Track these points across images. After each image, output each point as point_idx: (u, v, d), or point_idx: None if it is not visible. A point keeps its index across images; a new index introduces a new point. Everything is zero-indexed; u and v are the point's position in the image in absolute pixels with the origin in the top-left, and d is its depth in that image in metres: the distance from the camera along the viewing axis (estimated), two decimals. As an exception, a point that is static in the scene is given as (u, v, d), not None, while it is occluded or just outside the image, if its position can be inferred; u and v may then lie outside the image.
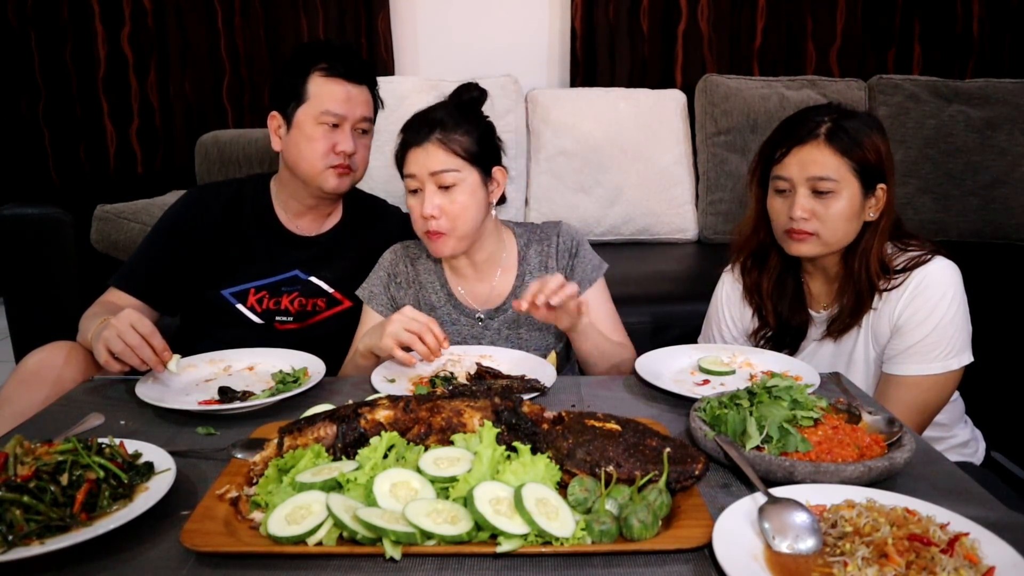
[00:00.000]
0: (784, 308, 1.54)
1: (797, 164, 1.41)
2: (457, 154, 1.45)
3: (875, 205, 1.42)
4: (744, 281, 1.60)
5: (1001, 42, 3.19)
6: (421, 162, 1.45)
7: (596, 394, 1.31)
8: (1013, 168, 2.83)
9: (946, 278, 1.39)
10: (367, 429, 0.98)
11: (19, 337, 2.41)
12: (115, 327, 1.33)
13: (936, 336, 1.38)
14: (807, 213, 1.40)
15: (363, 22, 3.13)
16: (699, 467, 0.90)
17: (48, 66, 3.14)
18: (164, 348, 1.34)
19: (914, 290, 1.39)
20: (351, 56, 1.69)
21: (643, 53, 3.16)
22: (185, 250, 1.70)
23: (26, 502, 0.85)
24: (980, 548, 0.77)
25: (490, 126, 1.54)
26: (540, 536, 0.80)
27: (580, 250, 1.63)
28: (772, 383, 1.08)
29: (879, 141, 1.40)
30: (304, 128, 1.64)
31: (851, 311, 1.45)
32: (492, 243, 1.60)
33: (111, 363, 1.34)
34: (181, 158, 3.16)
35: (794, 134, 1.43)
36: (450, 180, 1.44)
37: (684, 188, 2.92)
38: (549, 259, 1.63)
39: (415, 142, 1.46)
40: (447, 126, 1.45)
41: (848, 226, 1.41)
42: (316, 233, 1.78)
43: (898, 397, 1.40)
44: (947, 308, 1.37)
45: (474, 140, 1.47)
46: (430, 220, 1.45)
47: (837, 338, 1.49)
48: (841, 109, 1.45)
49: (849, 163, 1.38)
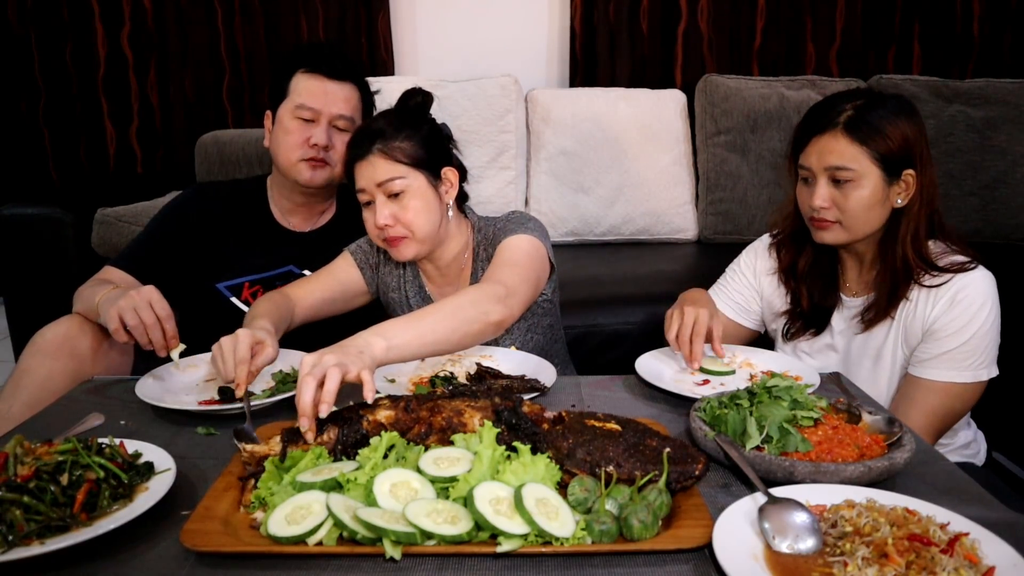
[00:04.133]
0: (817, 289, 1.53)
1: (816, 153, 1.41)
2: (400, 161, 1.44)
3: (904, 191, 1.39)
4: (780, 261, 1.59)
5: (1001, 42, 3.19)
6: (367, 175, 1.45)
7: (596, 394, 1.31)
8: (1013, 168, 2.83)
9: (987, 290, 1.37)
10: (369, 430, 0.98)
11: (19, 337, 2.41)
12: (134, 299, 1.37)
13: (971, 346, 1.36)
14: (827, 202, 1.40)
15: (363, 22, 3.13)
16: (699, 467, 0.90)
17: (48, 66, 3.14)
18: (174, 335, 1.38)
19: (953, 297, 1.37)
20: (332, 54, 1.75)
21: (643, 53, 3.16)
22: (183, 241, 1.75)
23: (26, 502, 0.85)
24: (980, 548, 0.77)
25: (436, 128, 1.53)
26: (540, 536, 0.80)
27: (507, 227, 1.52)
28: (772, 383, 1.08)
29: (907, 127, 1.37)
30: (283, 122, 1.71)
31: (887, 298, 1.43)
32: (455, 245, 1.58)
33: (120, 333, 1.38)
34: (181, 158, 3.16)
35: (815, 123, 1.42)
36: (397, 187, 1.44)
37: (684, 188, 2.92)
38: (488, 260, 1.55)
39: (359, 156, 1.46)
40: (387, 135, 1.45)
41: (870, 214, 1.39)
42: (310, 229, 1.84)
43: (924, 401, 1.38)
44: (984, 319, 1.36)
45: (417, 144, 1.46)
46: (386, 229, 1.45)
47: (868, 328, 1.47)
48: (871, 95, 1.42)
49: (868, 151, 1.36)
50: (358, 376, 1.02)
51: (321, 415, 0.98)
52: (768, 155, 2.86)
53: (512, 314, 1.33)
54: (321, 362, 1.01)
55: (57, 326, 1.51)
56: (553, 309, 1.65)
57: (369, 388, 1.02)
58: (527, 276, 1.41)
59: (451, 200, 1.54)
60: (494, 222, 1.59)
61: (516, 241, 1.47)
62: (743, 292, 1.64)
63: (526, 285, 1.39)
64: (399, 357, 1.16)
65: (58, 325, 1.51)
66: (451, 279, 1.62)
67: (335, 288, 1.60)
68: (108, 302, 1.42)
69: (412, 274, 1.64)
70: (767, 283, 1.62)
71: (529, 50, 3.25)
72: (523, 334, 1.58)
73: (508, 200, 2.88)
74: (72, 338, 1.48)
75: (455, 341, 1.24)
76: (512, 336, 1.57)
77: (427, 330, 1.19)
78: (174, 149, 3.22)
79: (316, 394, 0.98)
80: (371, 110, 1.82)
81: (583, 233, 2.91)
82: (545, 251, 1.51)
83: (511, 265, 1.41)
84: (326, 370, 0.99)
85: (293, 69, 1.72)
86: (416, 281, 1.63)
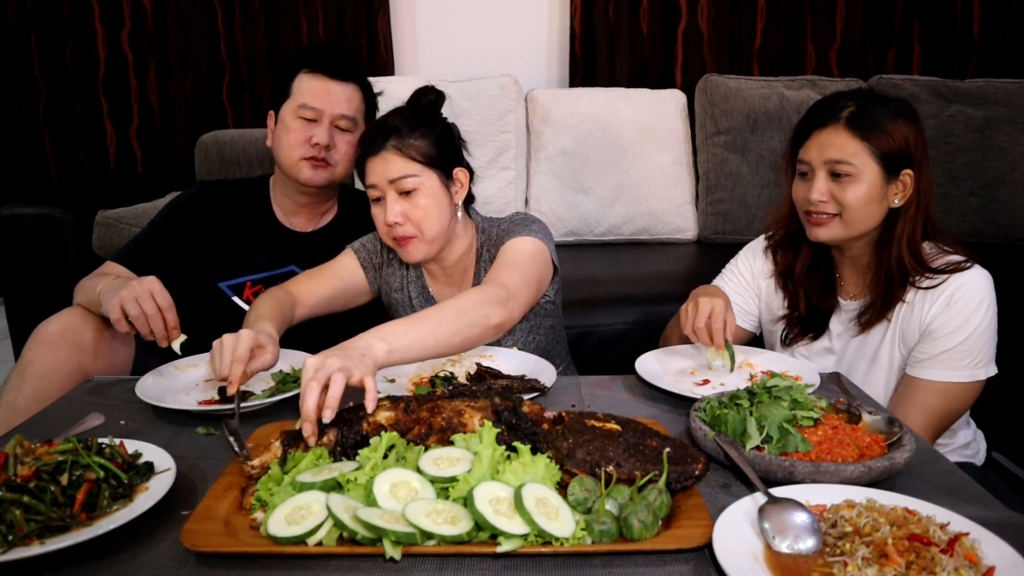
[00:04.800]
0: (814, 293, 1.53)
1: (816, 147, 1.41)
2: (414, 159, 1.43)
3: (901, 192, 1.40)
4: (777, 264, 1.59)
5: (1001, 42, 3.19)
6: (379, 171, 1.44)
7: (596, 394, 1.31)
8: (1013, 168, 2.83)
9: (983, 288, 1.37)
10: (369, 431, 0.99)
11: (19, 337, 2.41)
12: (136, 290, 1.37)
13: (968, 345, 1.36)
14: (824, 196, 1.40)
15: (363, 22, 3.13)
16: (699, 467, 0.90)
17: (48, 66, 3.14)
18: (176, 325, 1.38)
19: (950, 297, 1.37)
20: (336, 55, 1.75)
21: (643, 53, 3.16)
22: (185, 238, 1.75)
23: (26, 502, 0.85)
24: (980, 548, 0.77)
25: (448, 128, 1.53)
26: (540, 536, 0.80)
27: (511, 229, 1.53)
28: (772, 383, 1.08)
29: (907, 127, 1.38)
30: (285, 121, 1.72)
31: (883, 300, 1.43)
32: (462, 246, 1.58)
33: (122, 323, 1.38)
34: (181, 158, 3.16)
35: (817, 117, 1.43)
36: (410, 185, 1.43)
37: (684, 188, 2.92)
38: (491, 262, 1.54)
39: (372, 151, 1.45)
40: (402, 132, 1.44)
41: (867, 210, 1.39)
42: (312, 229, 1.84)
43: (922, 401, 1.38)
44: (982, 318, 1.36)
45: (431, 143, 1.46)
46: (395, 227, 1.45)
47: (864, 331, 1.47)
48: (872, 95, 1.43)
49: (869, 147, 1.37)
50: (360, 381, 1.02)
51: (325, 420, 0.98)
52: (768, 155, 2.86)
53: (512, 317, 1.33)
54: (325, 366, 1.01)
55: (59, 318, 1.51)
56: (556, 310, 1.65)
57: (371, 396, 1.02)
58: (528, 278, 1.41)
59: (461, 201, 1.54)
60: (498, 223, 1.59)
61: (519, 243, 1.47)
62: (742, 293, 1.64)
63: (527, 287, 1.39)
64: (400, 360, 1.16)
65: (60, 317, 1.51)
66: (455, 279, 1.62)
67: (337, 286, 1.60)
68: (110, 292, 1.42)
69: (416, 274, 1.63)
70: (765, 286, 1.62)
71: (529, 50, 3.26)
72: (525, 335, 1.58)
73: (508, 200, 2.88)
74: (75, 329, 1.48)
75: (456, 344, 1.24)
76: (514, 337, 1.57)
77: (428, 333, 1.19)
78: (174, 149, 3.22)
79: (320, 399, 0.98)
80: (373, 111, 1.83)
81: (583, 233, 2.91)
82: (548, 253, 1.51)
83: (513, 267, 1.41)
84: (330, 374, 0.99)
85: (296, 69, 1.73)
86: (419, 281, 1.63)
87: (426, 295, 1.62)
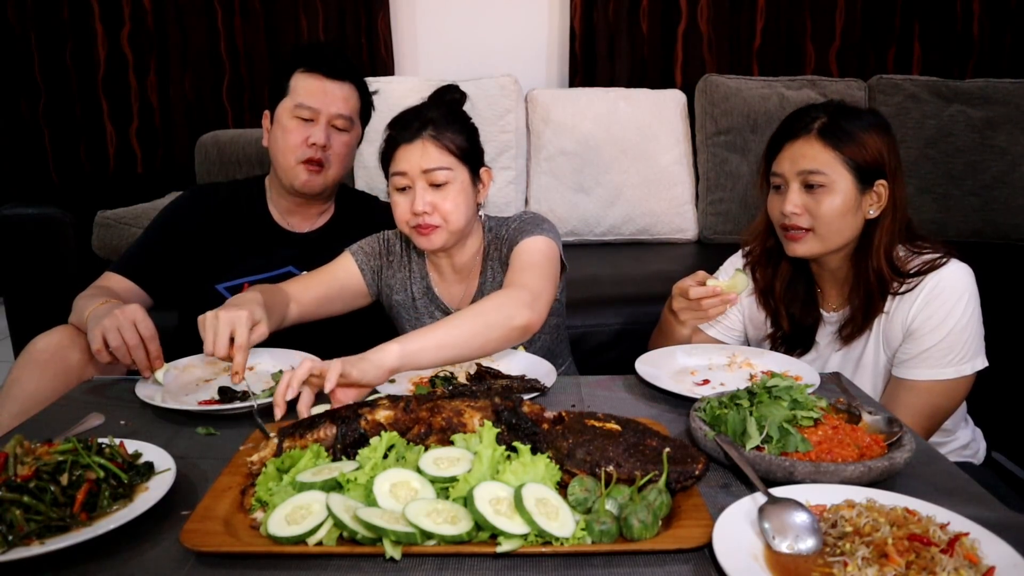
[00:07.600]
0: (796, 309, 1.53)
1: (789, 159, 1.41)
2: (451, 152, 1.43)
3: (876, 202, 1.40)
4: (756, 283, 1.58)
5: (1001, 42, 3.19)
6: (413, 160, 1.42)
7: (596, 394, 1.31)
8: (1013, 168, 2.83)
9: (961, 282, 1.37)
10: (367, 430, 0.98)
11: (19, 337, 2.41)
12: (118, 319, 1.33)
13: (950, 341, 1.36)
14: (798, 208, 1.39)
15: (363, 22, 3.13)
16: (699, 467, 0.90)
17: (48, 66, 3.14)
18: (158, 355, 1.34)
19: (928, 294, 1.37)
20: (332, 54, 1.74)
21: (643, 53, 3.16)
22: (182, 243, 1.74)
23: (26, 502, 0.85)
24: (980, 548, 0.77)
25: (475, 127, 1.53)
26: (540, 536, 0.80)
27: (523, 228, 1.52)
28: (772, 383, 1.08)
29: (879, 138, 1.39)
30: (281, 121, 1.71)
31: (863, 313, 1.43)
32: (474, 244, 1.58)
33: (102, 353, 1.34)
34: (181, 158, 3.16)
35: (789, 129, 1.43)
36: (443, 178, 1.42)
37: (684, 188, 2.92)
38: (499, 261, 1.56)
39: (406, 139, 1.43)
40: (439, 124, 1.43)
41: (843, 222, 1.39)
42: (309, 229, 1.83)
43: (909, 402, 1.39)
44: (962, 313, 1.36)
45: (465, 139, 1.46)
46: (422, 215, 1.42)
47: (847, 344, 1.47)
48: (843, 107, 1.43)
49: (841, 157, 1.37)
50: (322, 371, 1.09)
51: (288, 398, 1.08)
52: (768, 155, 2.86)
53: (540, 317, 1.33)
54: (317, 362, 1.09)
55: (49, 336, 1.48)
56: (560, 309, 1.65)
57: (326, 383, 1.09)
58: (549, 278, 1.41)
59: (483, 200, 1.54)
60: (505, 222, 1.59)
61: (533, 243, 1.47)
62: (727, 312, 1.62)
63: (550, 287, 1.40)
64: (416, 364, 1.16)
65: (50, 336, 1.48)
66: (463, 278, 1.61)
67: (333, 287, 1.58)
68: (94, 319, 1.39)
69: (420, 274, 1.62)
70: (748, 304, 1.62)
71: (529, 50, 3.26)
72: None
73: (508, 200, 2.88)
74: (63, 349, 1.45)
75: (477, 347, 1.23)
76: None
77: (444, 335, 1.19)
78: (174, 149, 3.22)
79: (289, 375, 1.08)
80: (369, 111, 1.82)
81: (583, 233, 2.91)
82: (559, 252, 1.51)
83: (532, 268, 1.41)
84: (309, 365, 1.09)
85: (292, 68, 1.72)
86: (423, 281, 1.62)
87: (431, 295, 1.61)
